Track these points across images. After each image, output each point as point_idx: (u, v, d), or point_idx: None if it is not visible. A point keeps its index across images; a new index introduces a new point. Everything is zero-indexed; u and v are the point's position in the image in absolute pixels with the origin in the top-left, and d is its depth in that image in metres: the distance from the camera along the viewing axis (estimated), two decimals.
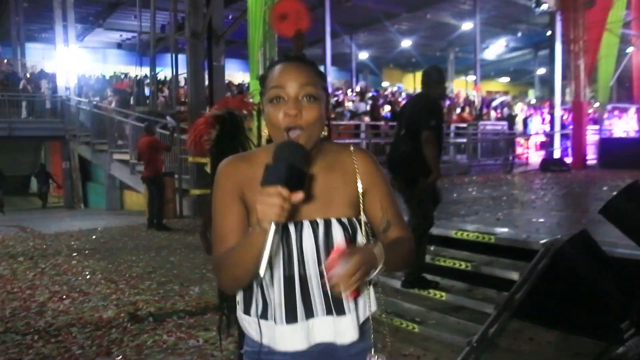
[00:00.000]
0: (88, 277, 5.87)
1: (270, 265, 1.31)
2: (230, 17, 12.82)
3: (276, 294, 1.33)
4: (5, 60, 22.41)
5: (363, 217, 1.42)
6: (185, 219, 10.22)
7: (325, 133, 1.38)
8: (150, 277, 5.82)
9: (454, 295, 4.23)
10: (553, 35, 14.15)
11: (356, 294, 1.27)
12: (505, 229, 4.67)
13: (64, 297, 5.12)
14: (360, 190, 1.42)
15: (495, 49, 30.32)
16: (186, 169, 10.79)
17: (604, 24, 11.59)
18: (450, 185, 9.27)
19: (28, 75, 18.76)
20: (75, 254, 7.06)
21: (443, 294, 4.26)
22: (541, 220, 5.28)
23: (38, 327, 4.28)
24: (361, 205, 1.42)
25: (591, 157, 12.82)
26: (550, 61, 15.27)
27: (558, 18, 13.12)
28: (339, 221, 1.36)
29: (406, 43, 28.62)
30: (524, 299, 3.89)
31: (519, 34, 27.66)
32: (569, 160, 12.50)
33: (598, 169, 11.19)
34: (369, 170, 1.44)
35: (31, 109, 16.92)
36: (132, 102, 15.53)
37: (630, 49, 15.05)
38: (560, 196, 7.46)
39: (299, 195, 1.15)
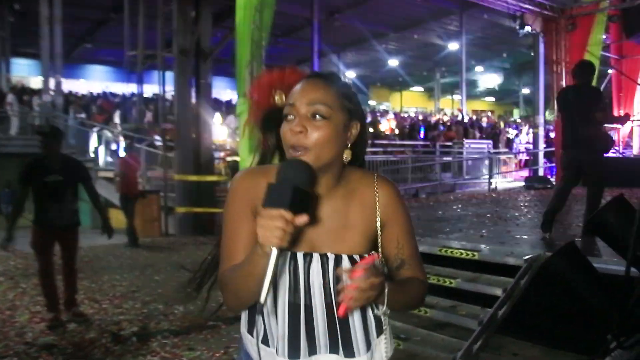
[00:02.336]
0: None
1: (275, 291, 1.27)
2: (218, 35, 12.88)
3: (280, 324, 1.28)
4: None
5: (380, 254, 1.36)
6: (171, 237, 10.15)
7: (348, 157, 1.31)
8: (134, 297, 5.75)
9: (439, 312, 4.24)
10: (536, 57, 14.39)
11: (345, 312, 1.17)
12: (489, 246, 4.71)
13: (45, 317, 5.00)
14: (378, 225, 1.35)
15: (481, 69, 30.73)
16: (172, 187, 10.75)
17: (585, 46, 11.82)
18: (435, 203, 9.33)
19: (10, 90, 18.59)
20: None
21: (428, 310, 4.27)
22: (525, 236, 5.33)
23: (18, 350, 4.19)
24: (379, 242, 1.36)
25: None
26: (534, 82, 15.49)
27: (541, 40, 13.37)
28: (350, 258, 1.29)
29: (393, 62, 28.96)
30: (507, 315, 3.91)
31: (504, 55, 28.11)
32: (553, 178, 12.64)
33: (581, 187, 11.29)
34: (390, 203, 1.36)
35: (20, 125, 16.74)
36: (118, 119, 15.51)
37: (610, 71, 15.36)
38: (543, 213, 7.51)
39: (302, 218, 1.09)
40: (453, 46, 25.11)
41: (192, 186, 10.37)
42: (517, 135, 19.53)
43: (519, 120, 28.50)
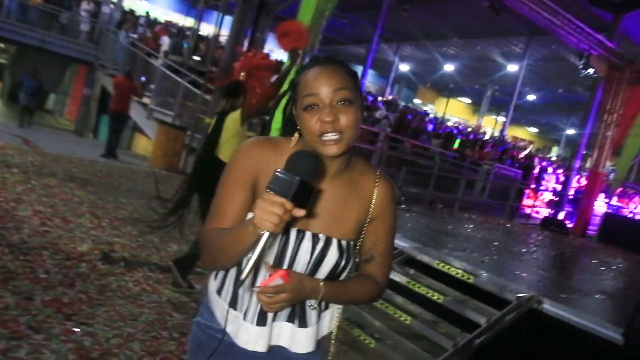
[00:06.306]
0: (74, 206, 5.87)
1: (262, 259, 1.31)
2: None
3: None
4: None
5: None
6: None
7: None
8: (134, 223, 5.84)
9: (419, 323, 4.24)
10: (591, 101, 14.05)
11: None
12: (487, 274, 4.67)
13: (45, 219, 5.12)
14: (368, 219, 1.41)
15: (532, 97, 30.15)
16: (200, 129, 10.81)
17: None
18: (448, 217, 9.27)
19: None
20: (69, 180, 7.08)
21: (409, 318, 4.27)
22: (524, 274, 5.27)
23: (11, 241, 4.29)
24: (363, 231, 1.42)
25: (593, 227, 12.76)
26: (582, 124, 15.17)
27: (600, 85, 13.04)
28: (339, 243, 1.36)
29: (449, 67, 28.52)
30: (484, 345, 3.90)
31: (560, 90, 27.50)
32: (570, 224, 12.45)
33: (595, 241, 11.15)
34: (384, 202, 1.42)
35: (64, 26, 16.93)
36: (166, 47, 15.53)
37: None
38: (550, 257, 7.44)
39: (300, 212, 1.13)
40: (512, 67, 24.61)
41: None
42: (546, 172, 19.16)
43: (554, 159, 28.01)
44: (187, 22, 16.86)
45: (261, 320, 1.36)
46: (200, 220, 4.12)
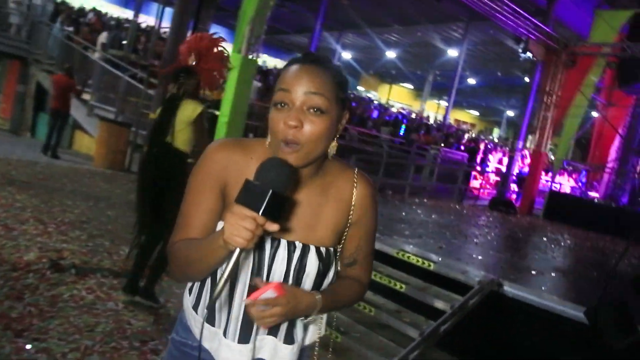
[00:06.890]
0: (16, 212, 5.57)
1: (236, 275, 1.24)
2: None
3: (235, 307, 1.26)
4: None
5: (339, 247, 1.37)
6: (132, 175, 9.92)
7: (333, 151, 1.26)
8: (82, 227, 5.59)
9: (383, 313, 4.24)
10: (530, 83, 14.52)
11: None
12: (446, 259, 4.72)
13: None
14: (349, 223, 1.34)
15: (472, 81, 30.91)
16: (144, 125, 10.48)
17: (579, 85, 11.95)
18: (400, 203, 9.36)
19: None
20: (8, 184, 6.72)
21: (373, 309, 4.26)
22: (480, 257, 5.37)
23: None
24: (344, 236, 1.36)
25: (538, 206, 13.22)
26: (521, 106, 15.67)
27: (538, 68, 13.48)
28: (317, 250, 1.28)
29: (390, 54, 28.84)
30: (449, 331, 3.94)
31: (498, 74, 28.31)
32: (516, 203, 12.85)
33: (542, 219, 11.55)
34: (365, 204, 1.34)
35: None
36: (103, 40, 14.96)
37: (594, 114, 15.66)
38: (502, 237, 7.63)
39: (274, 226, 1.04)
40: (452, 52, 25.13)
41: None
42: (491, 154, 19.71)
43: (496, 140, 28.87)
44: (126, 14, 16.24)
45: (243, 338, 1.27)
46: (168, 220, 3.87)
